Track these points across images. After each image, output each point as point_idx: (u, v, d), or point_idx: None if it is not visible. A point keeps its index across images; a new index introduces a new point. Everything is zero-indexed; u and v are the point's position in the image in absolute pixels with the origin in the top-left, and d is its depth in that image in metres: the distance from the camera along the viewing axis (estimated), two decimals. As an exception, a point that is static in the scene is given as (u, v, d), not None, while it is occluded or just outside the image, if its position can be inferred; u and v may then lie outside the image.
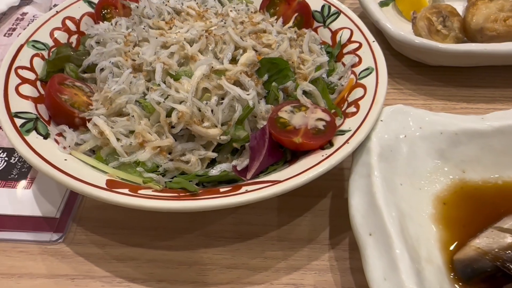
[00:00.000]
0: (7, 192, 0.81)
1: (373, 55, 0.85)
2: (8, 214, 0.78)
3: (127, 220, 0.77)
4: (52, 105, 0.75)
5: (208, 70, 0.73)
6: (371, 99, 0.77)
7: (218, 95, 0.73)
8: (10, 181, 0.82)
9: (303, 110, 0.75)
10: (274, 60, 0.77)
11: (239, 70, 0.74)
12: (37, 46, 0.87)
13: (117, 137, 0.71)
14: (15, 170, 0.84)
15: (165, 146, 0.70)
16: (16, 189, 0.81)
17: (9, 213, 0.78)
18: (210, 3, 0.93)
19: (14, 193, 0.81)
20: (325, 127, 0.72)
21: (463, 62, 1.03)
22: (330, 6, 0.98)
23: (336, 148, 0.69)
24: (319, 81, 0.82)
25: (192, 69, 0.76)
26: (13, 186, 0.82)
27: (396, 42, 1.03)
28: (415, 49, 1.01)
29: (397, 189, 0.70)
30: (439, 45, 0.97)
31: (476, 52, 0.97)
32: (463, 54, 0.98)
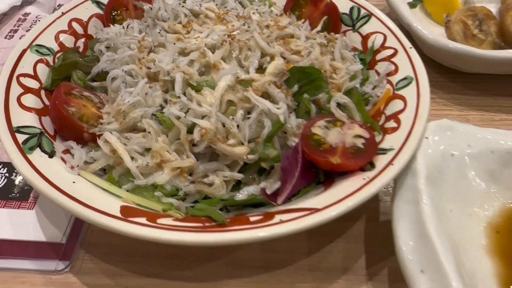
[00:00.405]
0: (7, 214, 0.73)
1: (411, 63, 0.78)
2: (8, 239, 0.70)
3: (141, 246, 0.69)
4: (58, 118, 0.68)
5: (233, 80, 0.66)
6: (413, 113, 0.69)
7: (245, 109, 0.65)
8: (11, 200, 0.75)
9: (338, 125, 0.67)
10: (305, 69, 0.69)
11: (268, 80, 0.66)
12: (41, 51, 0.79)
13: (131, 155, 0.63)
14: (17, 188, 0.76)
15: (186, 167, 0.62)
16: (17, 210, 0.73)
17: (9, 237, 0.70)
18: (231, 4, 0.85)
19: (15, 215, 0.73)
20: (365, 146, 0.64)
21: (502, 69, 0.95)
22: (360, 8, 0.90)
23: (379, 170, 0.61)
24: (353, 92, 0.74)
25: (215, 78, 0.68)
26: (14, 206, 0.74)
27: (428, 47, 0.95)
28: (450, 55, 0.93)
29: (447, 217, 0.62)
30: (477, 51, 0.89)
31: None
32: (503, 61, 0.90)
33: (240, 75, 0.67)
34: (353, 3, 0.90)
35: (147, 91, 0.67)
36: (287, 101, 0.67)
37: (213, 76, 0.69)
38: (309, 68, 0.69)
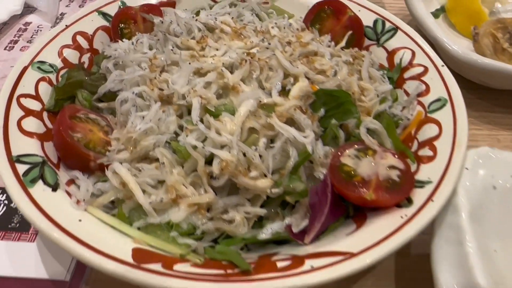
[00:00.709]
0: (6, 246, 0.67)
1: (444, 83, 0.72)
2: (7, 276, 0.64)
3: (152, 284, 0.63)
4: (63, 146, 0.62)
5: (255, 105, 0.60)
6: (450, 140, 0.63)
7: (268, 137, 0.59)
8: (11, 231, 0.68)
9: (370, 154, 0.61)
10: (333, 93, 0.63)
11: (293, 105, 0.60)
12: (44, 68, 0.73)
13: (143, 188, 0.57)
14: (17, 217, 0.70)
15: (204, 203, 0.56)
16: (17, 242, 0.67)
17: (9, 274, 0.64)
18: (247, 17, 0.79)
19: (15, 248, 0.67)
20: (401, 178, 0.58)
21: (535, 86, 0.89)
22: (385, 21, 0.84)
23: (418, 207, 0.56)
24: (383, 115, 0.68)
25: (234, 102, 0.62)
26: (14, 238, 0.68)
27: (455, 61, 0.89)
28: (479, 71, 0.87)
29: (492, 259, 0.57)
30: (509, 67, 0.83)
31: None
32: (538, 78, 0.84)
33: (262, 99, 0.61)
34: (377, 16, 0.84)
35: (160, 116, 0.61)
36: (313, 128, 0.61)
37: (232, 99, 0.63)
38: (337, 91, 0.63)
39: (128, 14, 0.81)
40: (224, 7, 0.82)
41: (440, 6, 1.09)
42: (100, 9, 0.84)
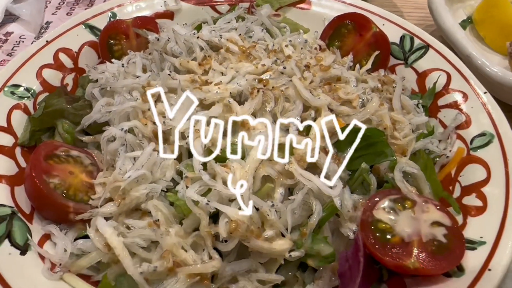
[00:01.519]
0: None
1: (489, 114, 0.61)
2: None
3: None
4: (36, 195, 0.51)
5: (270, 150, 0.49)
6: (503, 187, 0.53)
7: (285, 186, 0.49)
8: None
9: (408, 206, 0.50)
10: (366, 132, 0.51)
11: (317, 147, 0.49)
12: (18, 93, 0.63)
13: (133, 250, 0.47)
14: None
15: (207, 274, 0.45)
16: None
17: None
18: (257, 34, 0.68)
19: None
20: (448, 239, 0.48)
21: None
22: (413, 37, 0.73)
23: (472, 279, 0.45)
24: (419, 154, 0.58)
25: (244, 140, 0.51)
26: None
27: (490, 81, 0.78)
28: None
29: None
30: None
31: None
32: None
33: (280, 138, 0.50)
34: (404, 31, 0.74)
35: (155, 160, 0.50)
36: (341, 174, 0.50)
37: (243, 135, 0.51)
38: (369, 130, 0.52)
39: (119, 28, 0.71)
40: (230, 21, 0.71)
41: (467, 17, 0.98)
42: (87, 21, 0.73)
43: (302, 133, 0.53)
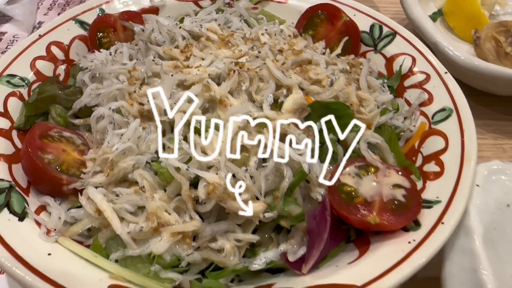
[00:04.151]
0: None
1: (448, 91, 0.67)
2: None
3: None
4: (32, 169, 0.56)
5: (244, 121, 0.54)
6: (458, 155, 0.58)
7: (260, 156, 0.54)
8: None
9: (372, 172, 0.56)
10: (331, 105, 0.57)
11: (287, 122, 0.55)
12: (14, 82, 0.67)
13: (121, 215, 0.52)
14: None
15: (189, 232, 0.50)
16: (-15, 275, 0.61)
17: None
18: (235, 24, 0.74)
19: (-17, 281, 0.60)
20: (407, 198, 0.53)
21: (541, 92, 0.85)
22: (382, 25, 0.78)
23: (427, 231, 0.50)
24: (384, 127, 0.63)
25: (222, 117, 0.56)
26: (-19, 270, 0.61)
27: (457, 67, 0.84)
28: (483, 77, 0.82)
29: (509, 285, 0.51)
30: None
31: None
32: (544, 84, 0.79)
33: (252, 113, 0.56)
34: (374, 20, 0.79)
35: (140, 134, 0.55)
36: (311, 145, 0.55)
37: (220, 113, 0.57)
38: (335, 103, 0.58)
39: (107, 22, 0.76)
40: (210, 13, 0.77)
41: (438, 9, 1.04)
42: (77, 17, 0.78)
43: (275, 109, 0.58)
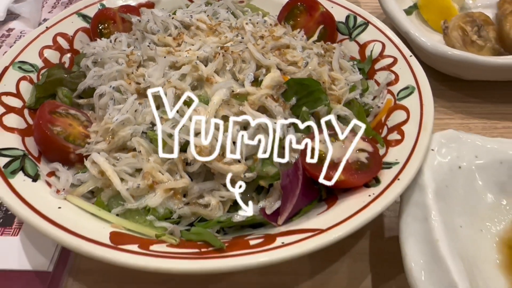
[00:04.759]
0: (-10, 241, 0.68)
1: (412, 72, 0.75)
2: (-9, 269, 0.65)
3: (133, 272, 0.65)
4: (43, 139, 0.64)
5: (228, 94, 0.62)
6: (417, 124, 0.66)
7: (241, 124, 0.62)
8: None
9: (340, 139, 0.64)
10: (303, 81, 0.65)
11: (264, 93, 0.63)
12: (24, 68, 0.75)
13: (121, 176, 0.59)
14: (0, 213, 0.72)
15: (179, 188, 0.58)
16: (1, 237, 0.69)
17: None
18: (223, 15, 0.82)
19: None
20: (369, 160, 0.61)
21: (503, 76, 0.93)
22: (356, 16, 0.87)
23: (385, 186, 0.58)
24: (353, 103, 0.71)
25: (208, 93, 0.64)
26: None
27: (427, 54, 0.92)
28: (450, 62, 0.91)
29: (458, 233, 0.59)
30: (477, 58, 0.87)
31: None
32: (504, 68, 0.87)
33: (235, 88, 0.64)
34: (349, 11, 0.88)
35: (137, 108, 0.63)
36: (285, 115, 0.64)
37: (207, 90, 0.65)
38: (307, 79, 0.66)
39: (107, 14, 0.84)
40: (199, 6, 0.85)
41: (413, 3, 1.13)
42: (80, 11, 0.86)
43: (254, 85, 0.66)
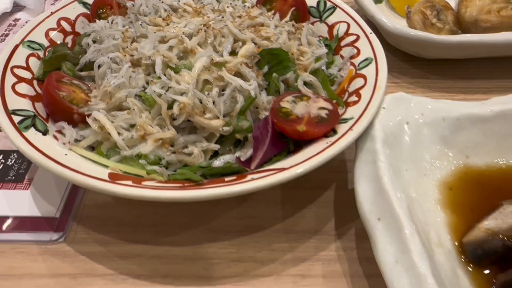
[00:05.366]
0: (4, 194, 0.79)
1: (371, 46, 0.86)
2: (6, 215, 0.75)
3: (129, 217, 0.76)
4: (50, 101, 0.74)
5: (208, 61, 0.73)
6: (372, 88, 0.77)
7: (219, 87, 0.73)
8: (7, 182, 0.81)
9: (304, 100, 0.74)
10: (274, 51, 0.76)
11: (240, 61, 0.74)
12: (33, 46, 0.86)
13: (118, 131, 0.70)
14: (12, 172, 0.82)
15: (167, 138, 0.68)
16: (13, 191, 0.79)
17: (7, 214, 0.76)
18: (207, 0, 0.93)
19: (12, 195, 0.79)
20: (328, 115, 0.72)
21: (459, 53, 1.04)
22: (326, 1, 0.98)
23: (340, 135, 0.69)
24: (319, 72, 0.82)
25: (192, 62, 0.75)
26: (10, 188, 0.80)
27: (392, 36, 1.03)
28: (411, 42, 1.02)
29: (402, 175, 0.70)
30: (434, 37, 0.98)
31: (471, 43, 0.98)
32: (458, 45, 0.99)
33: (214, 57, 0.74)
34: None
35: (131, 74, 0.74)
36: (257, 80, 0.75)
37: (191, 60, 0.76)
38: (277, 49, 0.77)
39: (105, 1, 0.95)
40: (186, -8, 0.96)
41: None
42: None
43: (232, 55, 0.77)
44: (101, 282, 0.68)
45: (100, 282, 0.68)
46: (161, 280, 0.68)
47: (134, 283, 0.68)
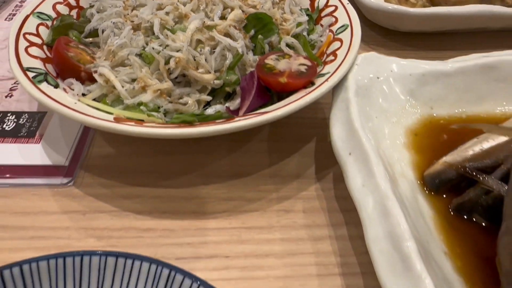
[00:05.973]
0: (17, 147, 0.87)
1: (348, 14, 0.95)
2: (20, 164, 0.84)
3: (131, 165, 0.85)
4: (60, 60, 0.83)
5: (200, 23, 0.82)
6: (347, 48, 0.86)
7: (211, 46, 0.82)
8: (20, 138, 0.89)
9: (287, 58, 0.84)
10: (259, 15, 0.86)
11: (228, 23, 0.83)
12: (42, 17, 0.95)
13: (121, 84, 0.79)
14: (24, 129, 0.91)
15: (164, 89, 0.78)
16: (26, 144, 0.88)
17: (21, 163, 0.84)
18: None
19: (25, 147, 0.87)
20: (307, 70, 0.81)
21: (431, 26, 1.14)
22: (309, -22, 1.08)
23: (317, 86, 0.78)
24: (300, 36, 0.91)
25: (186, 25, 0.84)
26: (23, 142, 0.88)
27: (369, 10, 1.13)
28: (387, 15, 1.12)
29: (372, 120, 0.79)
30: (408, 10, 1.08)
31: (441, 15, 1.07)
32: (430, 17, 1.09)
33: (206, 21, 0.84)
34: (304, -25, 1.08)
35: (131, 36, 0.83)
36: (245, 41, 0.84)
37: (185, 24, 0.85)
38: (262, 14, 0.86)
39: (106, -23, 1.04)
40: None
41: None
42: (85, -23, 1.07)
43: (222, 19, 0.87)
44: (108, 217, 0.77)
45: (106, 217, 0.77)
46: (160, 215, 0.77)
47: (136, 217, 0.77)
